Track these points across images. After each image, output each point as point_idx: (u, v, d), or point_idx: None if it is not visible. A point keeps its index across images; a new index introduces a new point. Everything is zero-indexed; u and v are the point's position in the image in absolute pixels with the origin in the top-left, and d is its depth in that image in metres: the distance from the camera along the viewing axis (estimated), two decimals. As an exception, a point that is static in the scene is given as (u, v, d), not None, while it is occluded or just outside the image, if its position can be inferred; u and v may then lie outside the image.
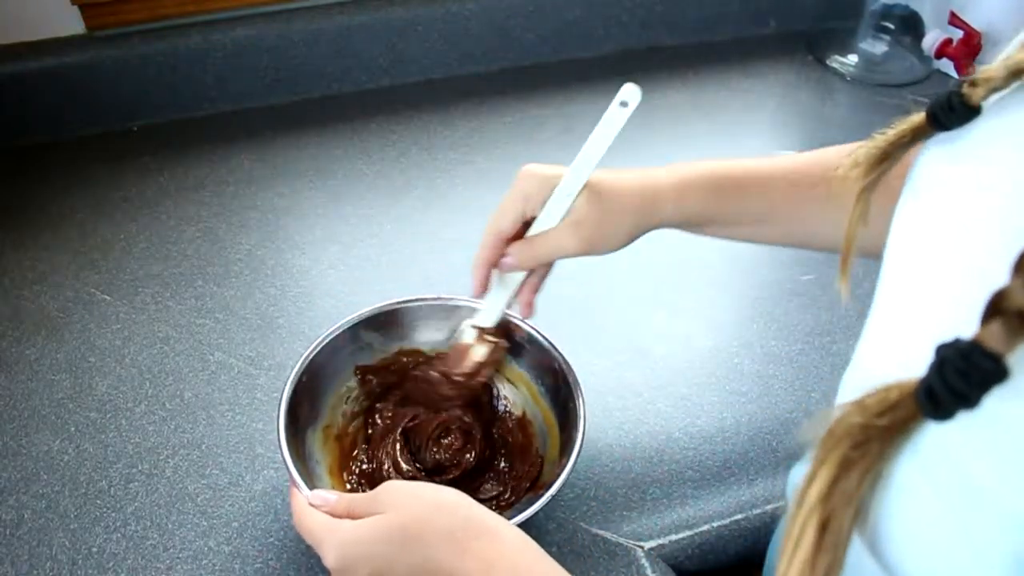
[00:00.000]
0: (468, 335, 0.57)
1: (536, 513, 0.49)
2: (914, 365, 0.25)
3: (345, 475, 0.58)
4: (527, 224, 0.54)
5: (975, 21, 0.99)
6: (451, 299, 0.62)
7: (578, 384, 0.56)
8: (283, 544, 0.56)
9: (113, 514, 0.58)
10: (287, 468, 0.50)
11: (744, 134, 0.98)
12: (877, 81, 1.07)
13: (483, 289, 0.56)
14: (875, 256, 0.38)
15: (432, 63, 1.03)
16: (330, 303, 0.75)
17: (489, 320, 0.57)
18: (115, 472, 0.61)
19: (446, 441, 0.59)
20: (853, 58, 1.09)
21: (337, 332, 0.59)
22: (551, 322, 0.74)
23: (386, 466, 0.57)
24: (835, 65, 1.09)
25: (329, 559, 0.41)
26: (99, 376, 0.68)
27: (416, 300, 0.62)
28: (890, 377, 0.26)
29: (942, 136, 0.33)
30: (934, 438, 0.26)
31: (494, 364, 0.58)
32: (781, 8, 1.15)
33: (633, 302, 0.76)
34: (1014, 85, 0.30)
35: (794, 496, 0.27)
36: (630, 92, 0.50)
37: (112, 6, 0.91)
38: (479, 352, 0.56)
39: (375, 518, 0.41)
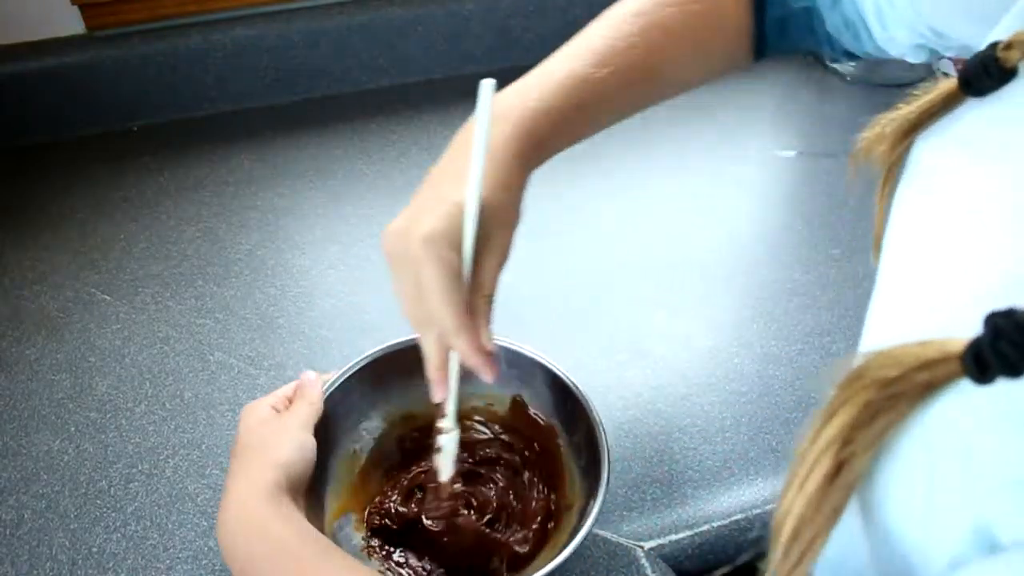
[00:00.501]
0: (452, 448, 0.53)
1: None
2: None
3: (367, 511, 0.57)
4: None
5: (975, 21, 0.99)
6: None
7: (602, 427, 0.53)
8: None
9: (113, 514, 0.58)
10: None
11: (744, 134, 0.98)
12: (877, 81, 1.07)
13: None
14: None
15: (432, 63, 1.03)
16: (330, 303, 0.75)
17: (452, 420, 0.51)
18: (115, 472, 0.61)
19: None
20: (853, 58, 1.09)
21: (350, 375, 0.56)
22: (551, 322, 0.74)
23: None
24: (835, 65, 1.09)
25: (244, 408, 0.52)
26: (99, 376, 0.68)
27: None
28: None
29: (943, 123, 0.33)
30: (940, 407, 0.26)
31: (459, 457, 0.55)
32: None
33: (633, 302, 0.76)
34: None
35: (808, 432, 0.27)
36: (490, 86, 0.41)
37: (112, 6, 0.92)
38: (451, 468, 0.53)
39: (272, 413, 0.51)
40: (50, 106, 0.93)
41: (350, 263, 0.79)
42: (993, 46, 0.31)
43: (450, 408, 0.49)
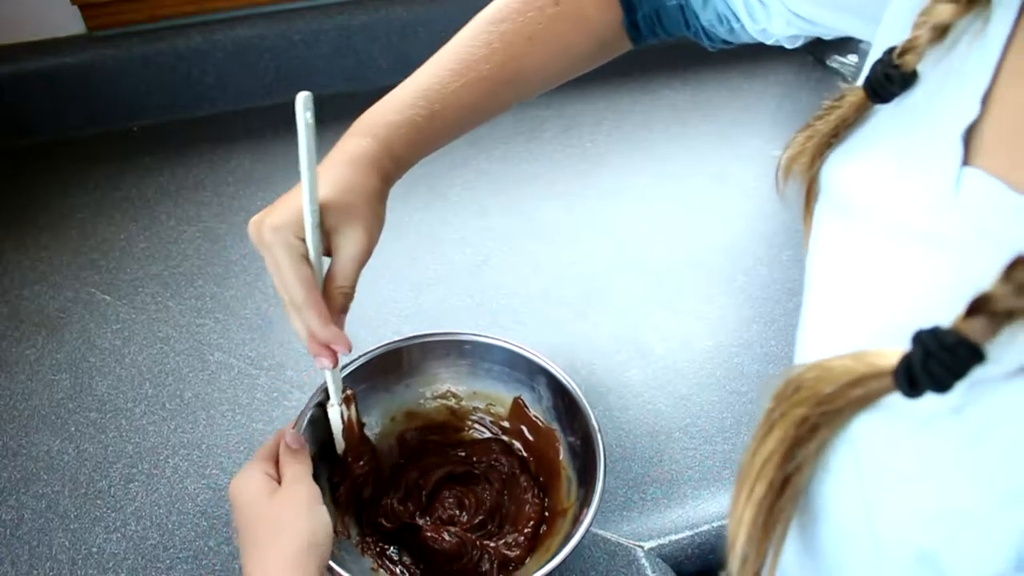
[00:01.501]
0: (336, 422, 0.54)
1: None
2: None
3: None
4: None
5: (975, 21, 0.99)
6: (456, 334, 0.59)
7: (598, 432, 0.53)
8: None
9: (113, 514, 0.58)
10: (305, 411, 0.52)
11: (744, 134, 0.98)
12: (877, 81, 1.07)
13: (335, 356, 0.49)
14: None
15: (432, 63, 1.03)
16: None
17: (339, 383, 0.53)
18: (115, 472, 0.61)
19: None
20: (853, 58, 1.09)
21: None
22: (551, 322, 0.74)
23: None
24: (835, 65, 1.09)
25: (232, 481, 0.48)
26: (99, 376, 0.68)
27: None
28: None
29: (856, 135, 0.33)
30: (866, 424, 0.27)
31: (358, 419, 0.55)
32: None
33: (633, 302, 0.76)
34: (948, 41, 0.30)
35: (750, 445, 0.28)
36: (305, 99, 0.46)
37: (112, 6, 0.91)
38: (355, 414, 0.54)
39: (272, 485, 0.47)
40: (50, 106, 0.93)
41: (350, 263, 0.79)
42: (890, 52, 0.31)
43: (329, 383, 0.52)
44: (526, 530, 0.55)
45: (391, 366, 0.59)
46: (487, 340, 0.59)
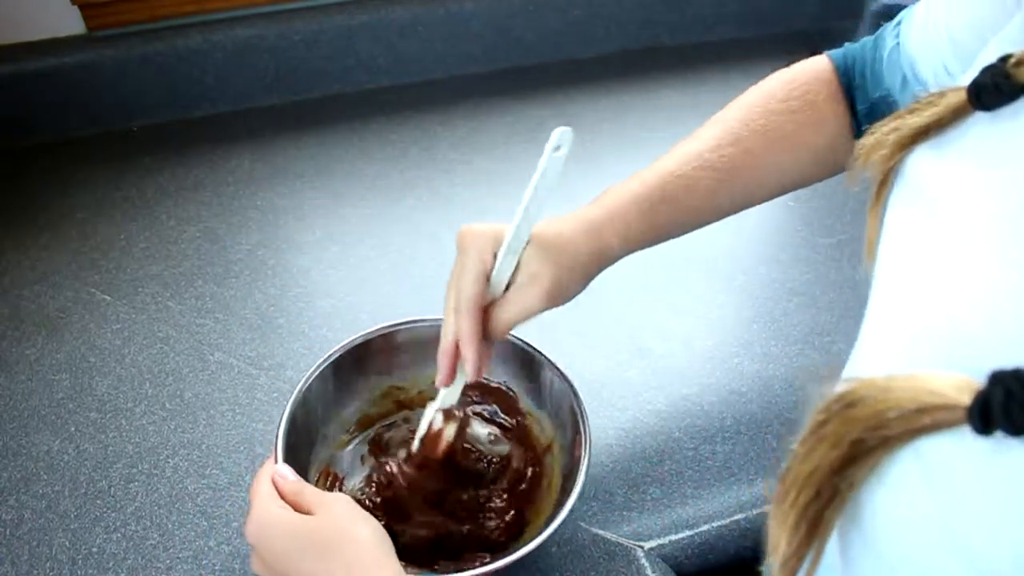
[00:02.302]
0: (437, 421, 0.55)
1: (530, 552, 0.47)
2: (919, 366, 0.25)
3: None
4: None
5: (975, 21, 0.99)
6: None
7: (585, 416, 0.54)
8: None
9: (113, 514, 0.58)
10: (276, 440, 0.50)
11: (744, 134, 0.98)
12: (877, 81, 1.07)
13: (453, 375, 0.51)
14: None
15: (432, 63, 1.03)
16: (330, 303, 0.75)
17: (453, 399, 0.54)
18: (115, 472, 0.61)
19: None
20: (853, 58, 1.09)
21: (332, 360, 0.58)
22: (551, 321, 0.74)
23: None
24: (835, 65, 1.09)
25: (249, 529, 0.43)
26: (99, 376, 0.68)
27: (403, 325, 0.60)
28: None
29: (948, 136, 0.32)
30: (942, 449, 0.26)
31: (462, 439, 0.56)
32: (781, 8, 1.15)
33: (633, 302, 0.76)
34: None
35: (796, 454, 0.28)
36: (563, 136, 0.46)
37: (112, 6, 0.92)
38: (450, 433, 0.54)
39: (303, 516, 0.43)
40: (50, 106, 0.93)
41: (350, 263, 0.79)
42: (1004, 60, 0.30)
43: (445, 397, 0.53)
44: (507, 518, 0.56)
45: (366, 354, 0.60)
46: (426, 324, 0.59)
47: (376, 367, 0.60)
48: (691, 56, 1.11)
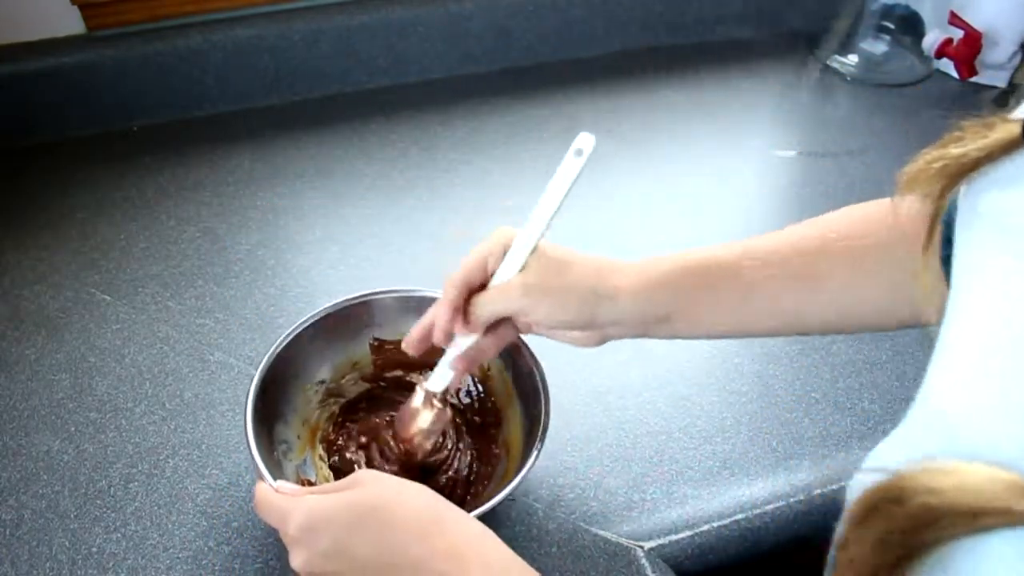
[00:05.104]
0: (417, 398, 0.56)
1: (499, 503, 0.49)
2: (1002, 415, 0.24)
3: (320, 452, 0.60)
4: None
5: (975, 21, 0.99)
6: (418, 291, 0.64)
7: (543, 377, 0.56)
8: (283, 545, 0.56)
9: (113, 514, 0.58)
10: (254, 461, 0.50)
11: (744, 134, 0.98)
12: (877, 81, 1.07)
13: (449, 338, 0.52)
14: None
15: (432, 63, 1.03)
16: (330, 303, 0.75)
17: (439, 385, 0.55)
18: (115, 472, 0.61)
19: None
20: (853, 58, 1.09)
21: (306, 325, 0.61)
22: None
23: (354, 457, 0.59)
24: (835, 65, 1.09)
25: (292, 526, 0.40)
26: (99, 376, 0.68)
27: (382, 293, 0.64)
28: (977, 430, 0.25)
29: (1010, 172, 0.30)
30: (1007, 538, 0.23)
31: (435, 433, 0.57)
32: (781, 8, 1.15)
33: (633, 302, 0.76)
34: None
35: (839, 537, 0.26)
36: (585, 140, 0.47)
37: (112, 6, 0.91)
38: (425, 419, 0.55)
39: (344, 493, 0.41)
40: (50, 106, 0.93)
41: (350, 263, 0.79)
42: None
43: (433, 378, 0.55)
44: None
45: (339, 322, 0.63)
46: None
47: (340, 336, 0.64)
48: (691, 56, 1.11)
